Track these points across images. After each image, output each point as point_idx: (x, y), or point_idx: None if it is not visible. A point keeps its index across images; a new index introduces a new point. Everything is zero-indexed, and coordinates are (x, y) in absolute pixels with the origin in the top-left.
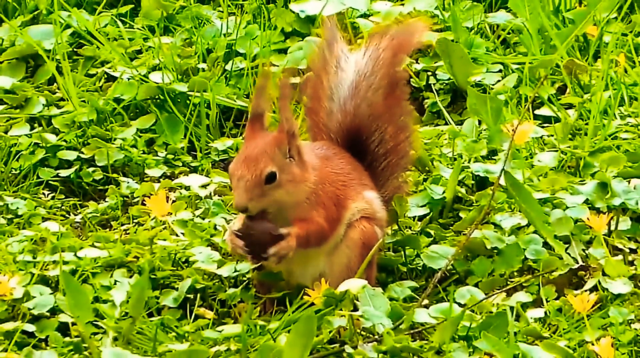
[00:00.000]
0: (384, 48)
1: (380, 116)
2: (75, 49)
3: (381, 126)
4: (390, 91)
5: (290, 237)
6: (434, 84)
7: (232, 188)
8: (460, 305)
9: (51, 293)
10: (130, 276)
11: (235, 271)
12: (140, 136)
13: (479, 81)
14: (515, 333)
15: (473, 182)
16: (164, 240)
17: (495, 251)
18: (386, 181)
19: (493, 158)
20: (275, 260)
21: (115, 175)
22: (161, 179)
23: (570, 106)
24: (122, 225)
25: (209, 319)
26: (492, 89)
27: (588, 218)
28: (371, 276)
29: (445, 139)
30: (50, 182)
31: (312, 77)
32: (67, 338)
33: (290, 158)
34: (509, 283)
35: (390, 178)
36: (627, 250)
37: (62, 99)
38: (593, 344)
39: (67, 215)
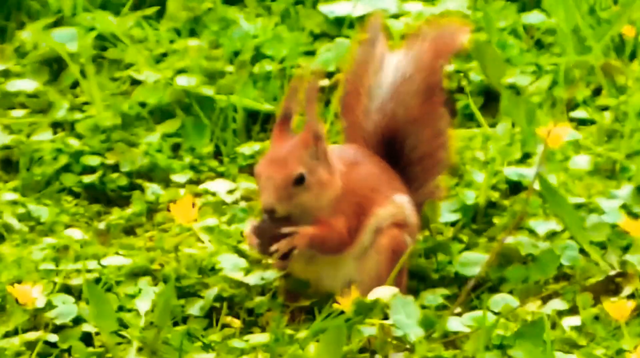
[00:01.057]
0: (425, 51)
1: (416, 120)
2: (99, 52)
3: (417, 130)
4: (429, 95)
5: (298, 236)
6: (466, 85)
7: (259, 189)
8: (494, 313)
9: (74, 303)
10: (155, 285)
11: (263, 279)
12: (165, 141)
13: (513, 83)
14: (551, 342)
15: (506, 186)
16: (190, 247)
17: (530, 257)
18: (420, 186)
19: (527, 161)
20: (277, 256)
21: (139, 181)
22: (187, 185)
23: (606, 108)
24: (147, 231)
25: (236, 328)
26: (526, 90)
27: (625, 223)
28: (402, 283)
29: (478, 142)
30: (73, 188)
31: (351, 75)
32: (91, 348)
33: (317, 159)
34: (544, 290)
35: (424, 183)
36: None
37: (85, 103)
38: (631, 352)
39: (90, 222)
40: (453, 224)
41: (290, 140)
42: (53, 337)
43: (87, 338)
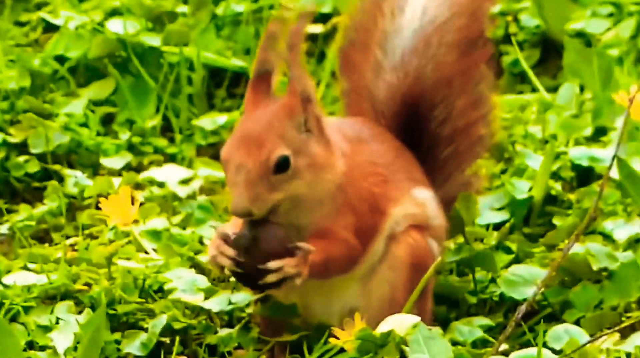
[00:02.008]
0: None
1: (450, 82)
2: None
3: (449, 97)
4: (468, 49)
5: (304, 257)
6: (516, 34)
7: (228, 182)
8: (554, 351)
9: None
10: (79, 312)
11: (230, 303)
12: (93, 111)
13: (581, 29)
14: None
15: (573, 174)
16: (128, 259)
17: (605, 273)
18: (450, 175)
19: (601, 139)
20: (274, 281)
21: (57, 166)
22: (124, 173)
23: None
24: (68, 238)
25: None
26: (600, 41)
27: None
28: (425, 310)
29: (533, 112)
30: None
31: (356, 18)
32: None
33: (307, 131)
34: (623, 319)
35: (456, 170)
36: None
37: None
38: None
39: None
40: (498, 227)
41: (268, 107)
42: None
43: None
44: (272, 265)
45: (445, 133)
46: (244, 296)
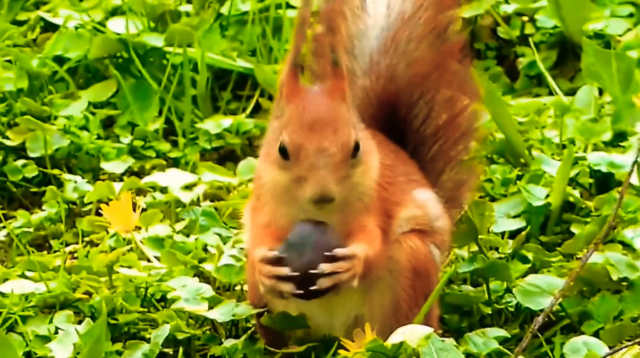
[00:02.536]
0: None
1: (426, 77)
2: None
3: (427, 93)
4: (439, 41)
5: (357, 259)
6: (532, 34)
7: (304, 168)
8: None
9: None
10: (79, 322)
11: (234, 315)
12: (93, 114)
13: (600, 30)
14: None
15: (591, 181)
16: (130, 267)
17: (625, 284)
18: (441, 172)
19: (621, 144)
20: (328, 287)
21: (56, 171)
22: (125, 177)
23: None
24: (67, 245)
25: None
26: (619, 42)
27: None
28: (431, 316)
29: (550, 116)
30: None
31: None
32: None
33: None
34: None
35: (447, 169)
36: None
37: None
38: None
39: None
40: (513, 235)
41: (319, 94)
42: None
43: None
44: (324, 267)
45: (429, 130)
46: (248, 308)
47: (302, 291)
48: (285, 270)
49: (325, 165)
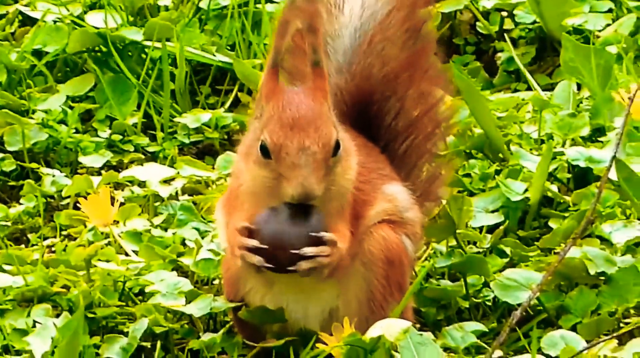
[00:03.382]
0: None
1: (398, 75)
2: None
3: (400, 89)
4: (412, 41)
5: (337, 248)
6: (511, 30)
7: (285, 166)
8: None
9: None
10: (57, 316)
11: (212, 308)
12: (71, 107)
13: (579, 25)
14: None
15: (569, 176)
16: (108, 261)
17: (603, 278)
18: (412, 168)
19: (599, 139)
20: (306, 270)
21: (34, 165)
22: (103, 171)
23: None
24: (45, 238)
25: None
26: (599, 37)
27: None
28: (406, 310)
29: (528, 111)
30: None
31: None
32: None
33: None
34: (622, 325)
35: (419, 163)
36: None
37: None
38: None
39: None
40: (491, 230)
41: (300, 93)
42: None
43: None
44: (308, 250)
45: (401, 125)
46: (227, 301)
47: (271, 265)
48: (254, 242)
49: (306, 164)
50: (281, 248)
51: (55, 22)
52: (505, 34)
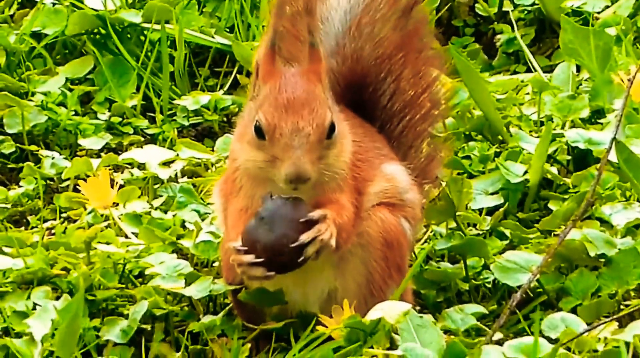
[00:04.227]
0: None
1: (391, 56)
2: None
3: (394, 70)
4: (402, 21)
5: (328, 218)
6: (511, 11)
7: (279, 148)
8: (550, 340)
9: None
10: (57, 298)
11: (211, 291)
12: (71, 90)
13: (578, 7)
14: None
15: (569, 158)
16: (107, 243)
17: (603, 260)
18: (409, 148)
19: (599, 121)
20: (314, 254)
21: (33, 147)
22: (102, 154)
23: None
24: (45, 221)
25: None
26: (598, 19)
27: None
28: (405, 292)
29: (528, 93)
30: None
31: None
32: None
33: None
34: (622, 307)
35: (416, 143)
36: None
37: None
38: None
39: None
40: (491, 212)
41: (295, 75)
42: None
43: None
44: (305, 237)
45: (397, 106)
46: (226, 284)
47: (272, 273)
48: (250, 258)
49: (300, 145)
50: (279, 252)
51: (54, 4)
52: (506, 16)
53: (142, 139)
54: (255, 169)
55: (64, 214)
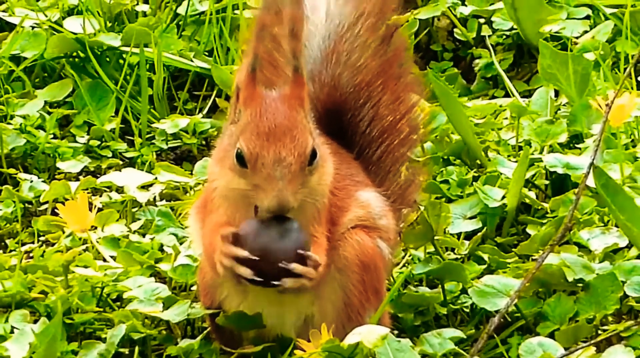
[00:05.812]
0: None
1: (370, 83)
2: None
3: (373, 97)
4: (382, 48)
5: (320, 269)
6: (489, 36)
7: (261, 178)
8: None
9: None
10: (35, 322)
11: (189, 315)
12: (49, 113)
13: (557, 32)
14: None
15: (547, 183)
16: (85, 267)
17: (580, 285)
18: (387, 174)
19: (577, 146)
20: (288, 287)
21: (12, 170)
22: (81, 177)
23: None
24: (23, 244)
25: None
26: (576, 44)
27: None
28: (383, 316)
29: (506, 118)
30: None
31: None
32: None
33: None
34: (600, 332)
35: (393, 168)
36: None
37: None
38: None
39: None
40: (469, 236)
41: (277, 100)
42: None
43: None
44: (296, 267)
45: (375, 133)
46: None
47: (260, 279)
48: (244, 253)
49: (282, 176)
50: (269, 261)
51: (33, 27)
52: (484, 41)
53: (121, 162)
54: (238, 195)
55: (42, 238)
